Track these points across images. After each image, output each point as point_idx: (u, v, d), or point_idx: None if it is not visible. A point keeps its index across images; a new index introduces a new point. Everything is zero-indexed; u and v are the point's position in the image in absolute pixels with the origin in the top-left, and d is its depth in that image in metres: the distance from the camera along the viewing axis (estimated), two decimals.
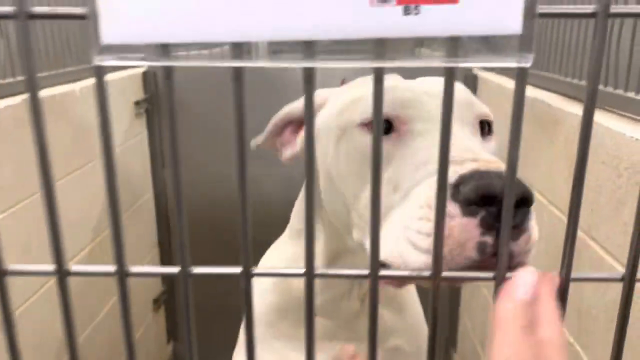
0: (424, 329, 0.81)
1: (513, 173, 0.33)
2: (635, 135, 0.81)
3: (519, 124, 0.32)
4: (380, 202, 0.33)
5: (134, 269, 0.37)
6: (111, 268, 0.37)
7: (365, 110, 0.58)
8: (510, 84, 1.38)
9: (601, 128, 0.91)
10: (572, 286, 1.13)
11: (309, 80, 0.31)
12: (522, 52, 0.30)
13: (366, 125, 0.58)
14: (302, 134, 0.70)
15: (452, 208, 0.44)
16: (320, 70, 0.31)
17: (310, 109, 0.32)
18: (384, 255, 0.49)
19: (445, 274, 0.36)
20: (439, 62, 0.31)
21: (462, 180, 0.45)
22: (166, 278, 1.79)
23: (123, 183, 1.50)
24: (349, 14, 0.30)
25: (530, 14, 0.30)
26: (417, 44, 0.31)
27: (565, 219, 1.04)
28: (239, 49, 0.31)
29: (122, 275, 0.36)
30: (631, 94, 0.90)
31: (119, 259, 0.35)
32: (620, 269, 0.87)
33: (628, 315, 0.36)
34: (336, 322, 0.70)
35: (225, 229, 1.66)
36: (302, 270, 0.35)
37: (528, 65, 0.31)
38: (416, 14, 0.30)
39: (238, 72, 0.31)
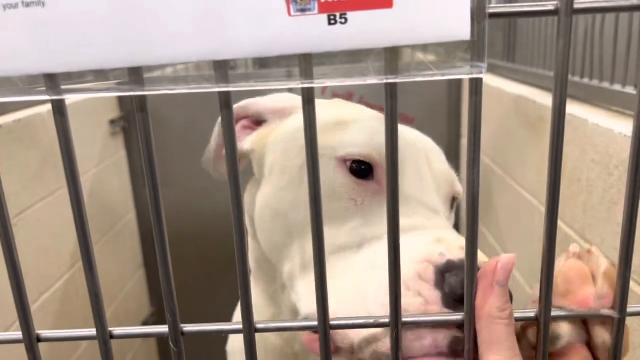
0: None
1: (473, 247, 0.28)
2: (624, 131, 0.77)
3: (477, 147, 0.27)
4: (323, 253, 0.28)
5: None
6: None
7: (352, 142, 0.50)
8: (494, 82, 1.34)
9: (590, 125, 0.86)
10: None
11: (227, 105, 0.27)
12: (473, 62, 0.26)
13: (346, 162, 0.49)
14: (256, 133, 0.60)
15: (434, 295, 0.38)
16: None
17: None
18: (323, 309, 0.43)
19: (407, 319, 0.31)
20: (375, 79, 0.26)
21: (450, 268, 0.39)
22: (154, 301, 1.74)
23: (103, 204, 1.45)
24: (267, 28, 0.25)
25: (480, 15, 0.25)
26: (352, 59, 0.26)
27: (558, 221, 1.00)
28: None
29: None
30: (618, 87, 0.86)
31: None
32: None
33: (620, 353, 0.31)
34: None
35: (212, 243, 1.61)
36: (239, 326, 0.30)
37: (481, 76, 0.26)
38: (343, 22, 0.25)
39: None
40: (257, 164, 0.59)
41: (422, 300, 0.38)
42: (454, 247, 0.41)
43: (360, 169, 0.49)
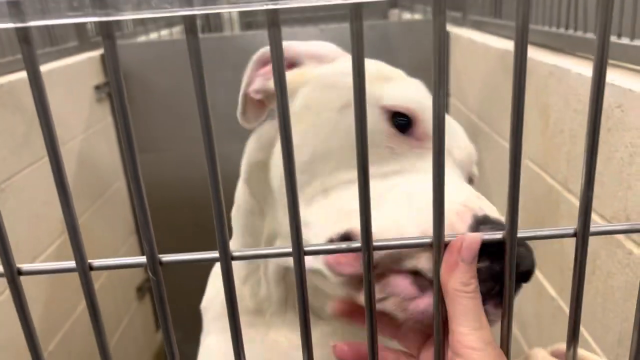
0: None
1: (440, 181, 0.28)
2: (606, 79, 0.77)
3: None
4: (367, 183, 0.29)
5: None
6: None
7: (397, 95, 0.50)
8: (481, 38, 1.33)
9: (573, 75, 0.87)
10: (554, 242, 1.09)
11: (192, 30, 0.27)
12: None
13: (388, 112, 0.49)
14: (290, 73, 0.55)
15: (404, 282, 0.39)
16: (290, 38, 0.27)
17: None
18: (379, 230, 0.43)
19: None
20: None
21: (486, 221, 0.40)
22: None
23: (92, 171, 1.45)
24: None
25: None
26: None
27: (542, 172, 1.01)
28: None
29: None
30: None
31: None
32: (599, 221, 0.84)
33: (584, 270, 0.32)
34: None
35: (203, 209, 1.62)
36: (216, 255, 0.31)
37: None
38: None
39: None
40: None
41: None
42: (493, 209, 0.42)
43: (400, 122, 0.49)
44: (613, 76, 0.78)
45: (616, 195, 0.76)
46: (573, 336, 0.35)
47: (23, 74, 1.16)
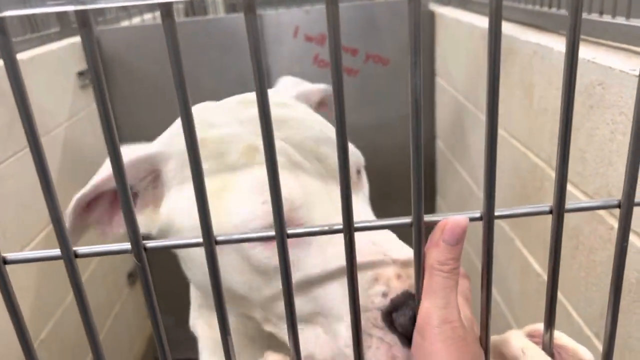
0: None
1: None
2: (587, 56, 0.78)
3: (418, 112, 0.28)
4: None
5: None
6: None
7: (244, 215, 0.46)
8: (466, 17, 1.33)
9: (555, 53, 0.87)
10: (538, 219, 1.11)
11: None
12: None
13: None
14: (141, 216, 0.54)
15: (390, 339, 0.42)
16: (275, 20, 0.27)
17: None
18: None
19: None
20: None
21: (395, 306, 0.42)
22: None
23: (77, 159, 1.44)
24: None
25: None
26: None
27: (526, 151, 1.02)
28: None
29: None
30: (584, 15, 0.86)
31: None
32: (582, 198, 0.85)
33: (559, 246, 0.33)
34: None
35: None
36: (200, 240, 0.31)
37: None
38: None
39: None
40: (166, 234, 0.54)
41: (387, 345, 0.41)
42: (392, 279, 0.43)
43: None
44: (594, 54, 0.78)
45: (598, 172, 0.77)
46: (550, 314, 0.36)
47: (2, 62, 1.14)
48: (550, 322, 0.37)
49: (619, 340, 0.70)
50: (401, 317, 0.41)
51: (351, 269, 0.33)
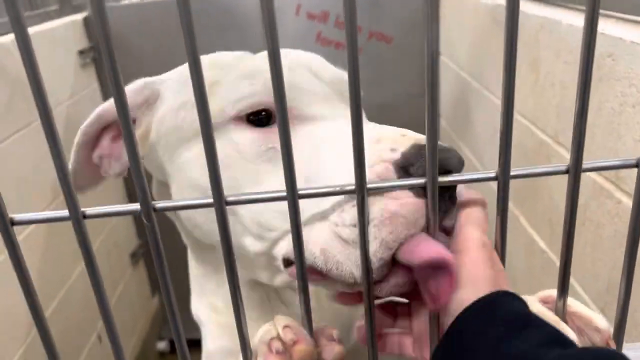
0: None
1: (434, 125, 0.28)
2: (598, 28, 0.76)
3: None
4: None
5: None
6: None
7: (232, 97, 0.47)
8: None
9: (564, 26, 0.86)
10: (543, 195, 1.10)
11: None
12: None
13: (241, 118, 0.47)
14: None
15: (404, 192, 0.38)
16: None
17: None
18: (311, 258, 0.40)
19: (370, 186, 0.31)
20: None
21: (407, 159, 0.39)
22: (141, 232, 1.76)
23: None
24: None
25: None
26: None
27: (531, 125, 1.01)
28: None
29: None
30: None
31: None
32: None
33: (575, 209, 0.33)
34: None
35: None
36: (210, 200, 0.31)
37: None
38: None
39: None
40: (154, 164, 0.56)
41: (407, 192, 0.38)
42: (397, 137, 0.40)
43: (259, 119, 0.47)
44: (604, 25, 0.77)
45: (606, 146, 0.76)
46: (564, 280, 0.35)
47: (3, 39, 1.13)
48: (563, 287, 0.36)
49: None
50: (420, 169, 0.38)
51: (363, 230, 0.32)
